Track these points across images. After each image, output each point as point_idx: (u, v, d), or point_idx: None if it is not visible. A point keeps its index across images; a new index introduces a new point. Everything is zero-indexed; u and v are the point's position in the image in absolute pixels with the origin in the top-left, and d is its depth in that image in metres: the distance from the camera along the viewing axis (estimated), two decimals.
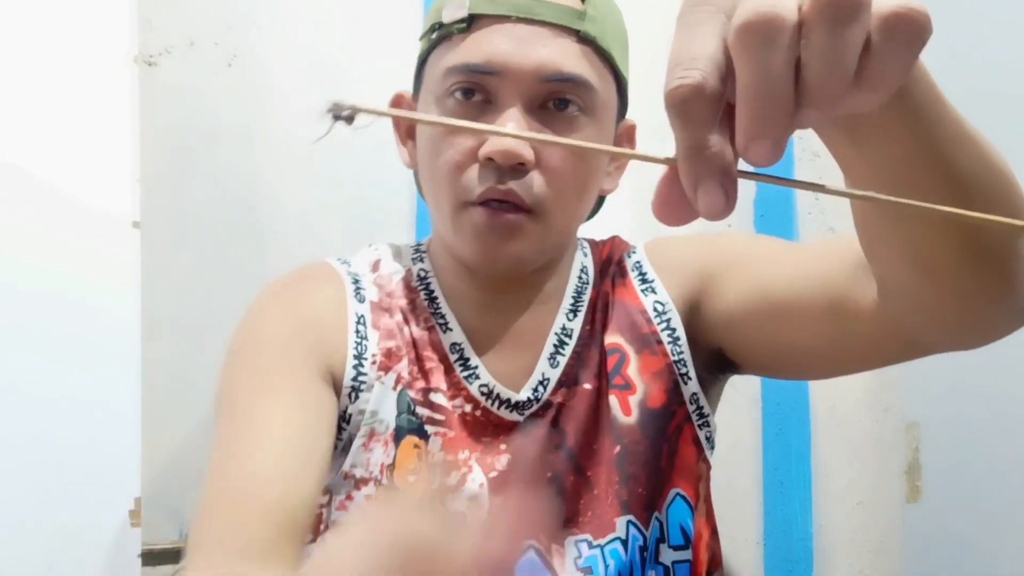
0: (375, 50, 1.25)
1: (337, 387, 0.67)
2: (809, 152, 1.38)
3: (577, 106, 0.65)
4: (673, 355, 0.72)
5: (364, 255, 0.77)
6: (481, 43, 0.64)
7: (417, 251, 0.78)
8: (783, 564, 1.37)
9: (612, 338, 0.73)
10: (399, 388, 0.69)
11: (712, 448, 0.75)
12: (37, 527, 0.96)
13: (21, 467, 0.96)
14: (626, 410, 0.71)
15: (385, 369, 0.69)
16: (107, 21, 1.04)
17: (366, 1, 1.26)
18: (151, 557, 1.15)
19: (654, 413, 0.71)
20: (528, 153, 0.62)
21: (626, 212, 1.02)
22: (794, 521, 1.38)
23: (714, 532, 0.76)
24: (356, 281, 0.73)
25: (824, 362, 0.65)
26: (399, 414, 0.68)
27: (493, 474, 0.68)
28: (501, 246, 0.65)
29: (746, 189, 1.33)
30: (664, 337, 0.72)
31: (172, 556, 1.18)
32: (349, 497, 0.67)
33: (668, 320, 0.72)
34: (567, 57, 0.64)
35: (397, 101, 0.76)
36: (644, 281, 0.75)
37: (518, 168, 0.63)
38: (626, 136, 0.75)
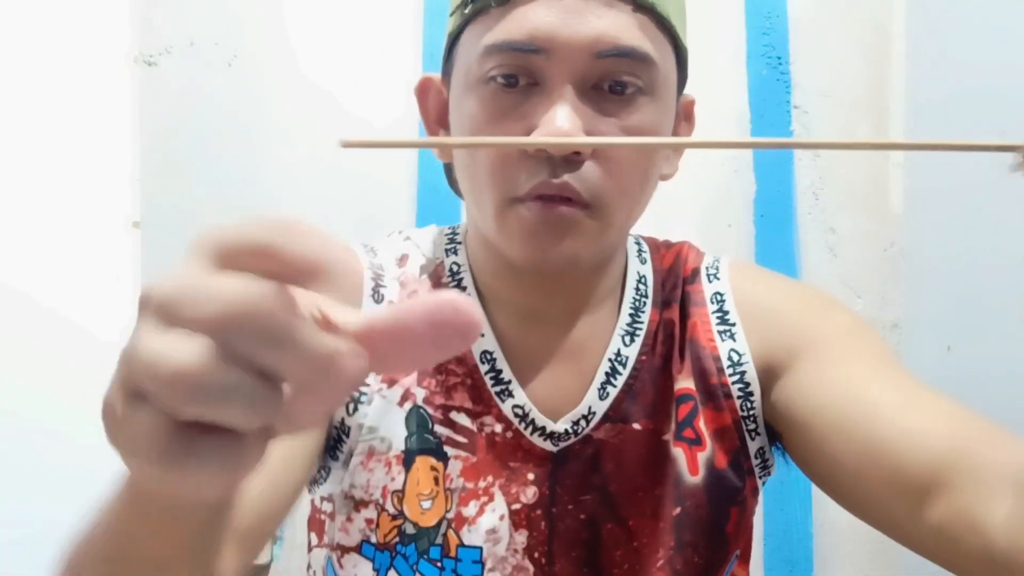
0: (375, 50, 1.25)
1: None
2: (809, 152, 1.38)
3: (636, 86, 0.56)
4: (742, 411, 0.63)
5: (393, 244, 0.69)
6: (523, 17, 0.54)
7: (452, 240, 0.68)
8: (783, 564, 1.37)
9: (685, 382, 0.63)
10: (408, 405, 0.62)
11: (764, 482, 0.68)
12: (37, 527, 0.96)
13: (21, 467, 0.96)
14: (693, 469, 0.62)
15: (389, 382, 0.62)
16: (107, 21, 1.04)
17: (366, 1, 1.26)
18: None
19: (720, 474, 0.63)
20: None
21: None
22: (794, 521, 1.38)
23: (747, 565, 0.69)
24: (378, 275, 0.65)
25: (880, 523, 0.57)
26: (409, 435, 0.61)
27: (516, 506, 0.61)
28: (555, 244, 0.56)
29: (746, 188, 1.33)
30: (735, 391, 0.63)
31: None
32: (349, 519, 0.62)
33: (743, 373, 0.63)
34: (623, 28, 0.54)
35: (424, 86, 0.66)
36: (724, 322, 0.64)
37: (572, 159, 0.55)
38: (684, 114, 0.66)
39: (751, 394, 0.63)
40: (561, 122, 0.53)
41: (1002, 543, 0.46)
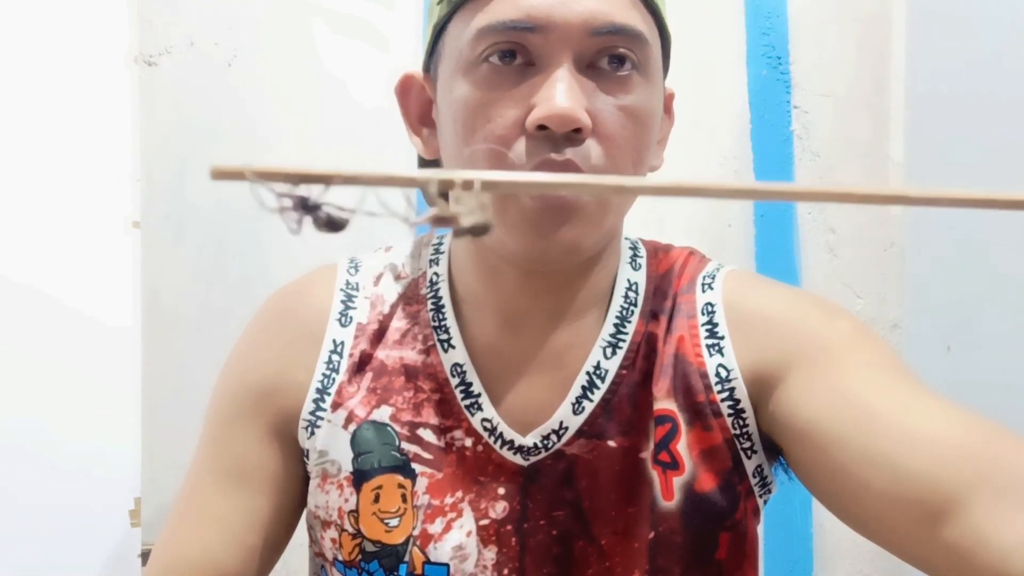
0: (375, 50, 1.25)
1: (294, 425, 0.63)
2: (809, 152, 1.38)
3: (631, 63, 0.55)
4: (735, 429, 0.60)
5: (376, 260, 0.69)
6: None
7: (437, 250, 0.67)
8: (783, 564, 1.37)
9: (665, 403, 0.60)
10: (352, 427, 0.62)
11: (766, 502, 0.65)
12: (37, 527, 0.96)
13: (21, 467, 0.96)
14: (667, 493, 0.59)
15: (335, 406, 0.62)
16: (107, 21, 1.04)
17: (366, 1, 1.26)
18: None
19: (701, 499, 0.60)
20: (585, 117, 0.52)
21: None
22: (794, 521, 1.38)
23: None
24: (350, 296, 0.66)
25: (886, 538, 0.53)
26: (357, 455, 0.61)
27: (485, 522, 0.60)
28: (557, 230, 0.54)
29: None
30: (725, 409, 0.60)
31: None
32: (322, 536, 0.64)
33: (732, 390, 0.60)
34: (616, 5, 0.54)
35: (405, 84, 0.65)
36: (713, 335, 0.61)
37: (573, 136, 0.53)
38: (665, 106, 0.64)
39: (742, 411, 0.60)
40: (560, 99, 0.51)
41: (1018, 564, 0.43)
